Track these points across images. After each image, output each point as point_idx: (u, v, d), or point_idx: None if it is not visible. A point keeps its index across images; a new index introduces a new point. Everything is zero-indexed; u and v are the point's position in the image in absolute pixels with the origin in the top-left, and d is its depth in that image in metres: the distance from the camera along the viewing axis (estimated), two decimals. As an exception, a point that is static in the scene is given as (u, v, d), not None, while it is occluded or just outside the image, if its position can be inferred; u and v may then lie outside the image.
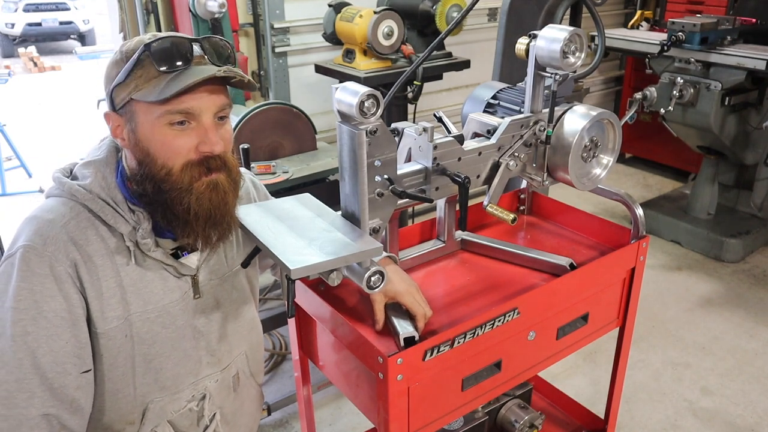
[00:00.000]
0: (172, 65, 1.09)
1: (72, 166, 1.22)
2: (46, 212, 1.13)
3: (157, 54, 1.09)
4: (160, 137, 1.11)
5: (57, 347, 1.10)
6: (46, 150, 6.78)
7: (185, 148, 1.12)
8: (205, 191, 1.14)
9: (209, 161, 1.14)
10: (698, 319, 3.43)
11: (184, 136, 1.11)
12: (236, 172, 1.21)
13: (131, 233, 1.16)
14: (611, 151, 1.45)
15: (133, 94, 1.10)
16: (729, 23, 3.53)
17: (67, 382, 1.12)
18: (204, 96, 1.11)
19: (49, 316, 1.09)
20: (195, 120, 1.11)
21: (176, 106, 1.09)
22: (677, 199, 4.53)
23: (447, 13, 3.15)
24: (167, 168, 1.12)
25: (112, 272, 1.15)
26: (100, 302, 1.14)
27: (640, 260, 1.59)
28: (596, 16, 1.60)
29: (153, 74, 1.09)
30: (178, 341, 1.25)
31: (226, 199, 1.17)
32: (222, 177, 1.16)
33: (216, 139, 1.13)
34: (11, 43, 12.77)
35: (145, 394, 1.24)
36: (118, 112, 1.14)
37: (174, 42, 1.10)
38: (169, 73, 1.09)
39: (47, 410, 1.10)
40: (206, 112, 1.12)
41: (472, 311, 1.41)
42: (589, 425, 2.00)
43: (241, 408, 1.43)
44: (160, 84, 1.08)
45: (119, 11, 3.16)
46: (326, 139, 3.14)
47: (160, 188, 1.13)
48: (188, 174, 1.13)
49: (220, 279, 1.31)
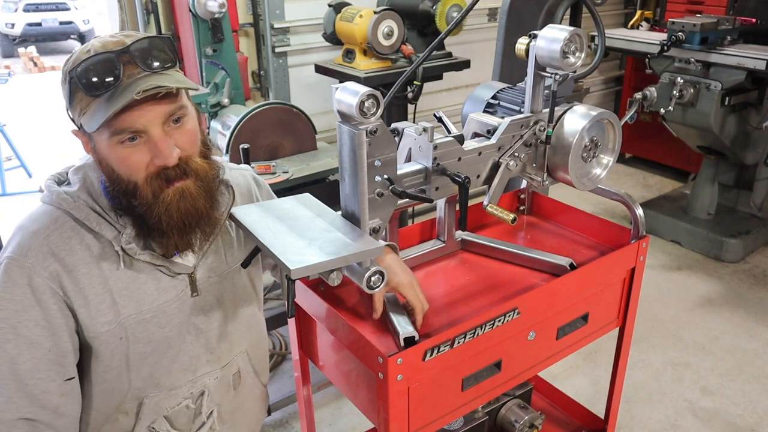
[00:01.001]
0: (99, 89, 1.05)
1: (67, 170, 1.23)
2: (32, 223, 1.15)
3: (82, 80, 1.05)
4: (116, 155, 1.10)
5: (39, 355, 1.12)
6: (46, 150, 6.78)
7: (142, 163, 1.10)
8: (172, 201, 1.13)
9: (167, 172, 1.12)
10: (698, 319, 3.43)
11: (137, 152, 1.09)
12: (206, 172, 1.18)
13: (116, 238, 1.16)
14: (611, 151, 1.45)
15: (81, 119, 1.10)
16: (729, 23, 3.53)
17: (51, 389, 1.14)
18: (144, 109, 1.07)
19: (29, 325, 1.11)
20: (144, 134, 1.09)
21: (119, 126, 1.06)
22: (677, 199, 4.53)
23: (447, 13, 3.15)
24: (132, 182, 1.11)
25: (99, 279, 1.15)
26: (87, 309, 1.15)
27: (640, 260, 1.59)
28: (596, 16, 1.60)
29: (89, 98, 1.07)
30: (175, 339, 1.25)
31: (195, 204, 1.15)
32: (188, 183, 1.14)
33: (168, 152, 1.10)
34: (11, 43, 12.77)
35: (140, 389, 1.25)
36: (81, 130, 1.14)
37: (96, 62, 1.05)
38: (99, 96, 1.06)
39: (24, 415, 1.12)
40: (152, 125, 1.08)
41: (472, 311, 1.41)
42: (589, 425, 2.00)
43: (241, 407, 1.43)
44: (98, 108, 1.06)
45: (119, 11, 3.16)
46: (326, 139, 3.14)
47: (131, 202, 1.13)
48: (150, 187, 1.12)
49: (219, 277, 1.31)
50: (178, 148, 1.12)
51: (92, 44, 1.11)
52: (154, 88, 1.05)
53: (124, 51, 1.07)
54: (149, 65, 1.09)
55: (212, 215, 1.21)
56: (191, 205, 1.15)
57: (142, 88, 1.04)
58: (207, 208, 1.18)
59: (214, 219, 1.22)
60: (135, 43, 1.09)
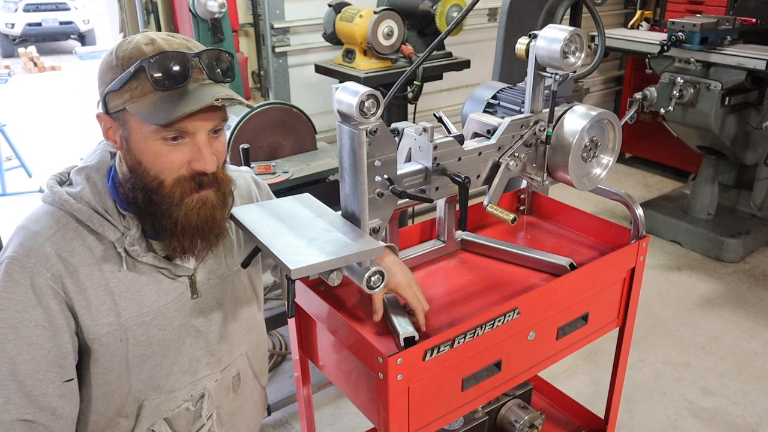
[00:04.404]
0: (168, 85, 1.07)
1: (69, 170, 1.22)
2: (34, 223, 1.14)
3: (155, 72, 1.06)
4: (153, 150, 1.10)
5: (38, 356, 1.12)
6: (46, 150, 6.78)
7: (178, 163, 1.11)
8: (194, 207, 1.14)
9: (201, 178, 1.14)
10: (698, 319, 3.43)
11: (177, 151, 1.11)
12: (226, 184, 1.21)
13: (120, 240, 1.16)
14: (611, 151, 1.45)
15: (127, 105, 1.09)
16: (729, 23, 3.54)
17: (50, 390, 1.14)
18: (201, 115, 1.09)
19: (30, 326, 1.11)
20: (189, 137, 1.11)
21: (173, 126, 1.08)
22: (677, 199, 4.53)
23: (447, 13, 3.15)
24: (159, 180, 1.12)
25: (101, 280, 1.15)
26: (89, 311, 1.15)
27: (640, 260, 1.59)
28: (596, 16, 1.60)
29: (148, 89, 1.08)
30: (175, 342, 1.25)
31: (214, 214, 1.17)
32: (211, 193, 1.16)
33: (209, 158, 1.12)
34: (11, 43, 12.78)
35: (140, 392, 1.24)
36: (111, 116, 1.13)
37: (172, 60, 1.08)
38: (165, 90, 1.08)
39: (23, 416, 1.12)
40: (201, 131, 1.11)
41: (472, 311, 1.41)
42: (589, 425, 2.00)
43: (240, 409, 1.43)
44: (155, 101, 1.07)
45: (119, 11, 3.16)
46: (326, 139, 3.14)
47: (151, 199, 1.13)
48: (179, 188, 1.13)
49: (219, 279, 1.31)
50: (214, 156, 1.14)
51: (151, 38, 1.11)
52: (230, 99, 1.09)
53: (197, 55, 1.11)
54: (215, 74, 1.13)
55: (223, 225, 1.22)
56: (210, 215, 1.16)
57: (220, 96, 1.07)
58: (221, 219, 1.20)
59: (223, 229, 1.23)
60: (206, 51, 1.13)
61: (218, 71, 1.14)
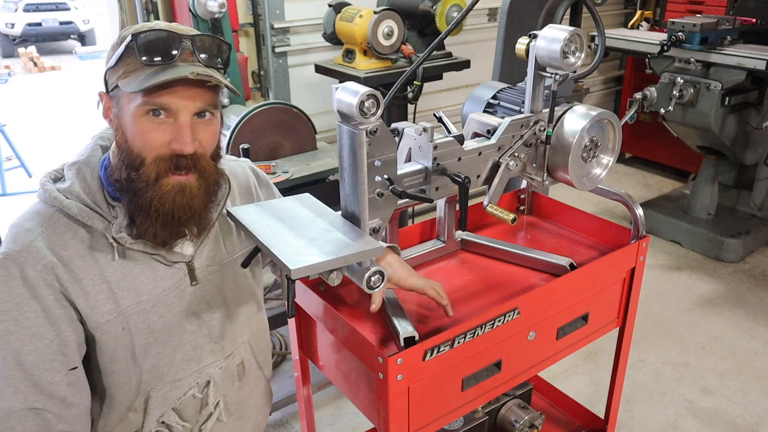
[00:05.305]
0: (152, 59, 1.10)
1: (63, 166, 1.24)
2: (26, 221, 1.16)
3: (142, 46, 1.09)
4: (138, 126, 1.12)
5: (42, 346, 1.13)
6: (46, 150, 6.78)
7: (158, 141, 1.12)
8: (170, 191, 1.14)
9: (179, 159, 1.14)
10: (698, 319, 3.43)
11: (159, 129, 1.12)
12: (211, 175, 1.20)
13: (107, 228, 1.17)
14: (611, 151, 1.45)
15: (119, 81, 1.12)
16: (729, 23, 3.54)
17: (57, 379, 1.15)
18: (184, 93, 1.11)
19: (30, 317, 1.12)
20: (172, 116, 1.12)
21: (154, 99, 1.10)
22: (677, 199, 4.53)
23: (447, 13, 3.15)
24: (141, 158, 1.13)
25: (96, 270, 1.17)
26: (87, 300, 1.16)
27: (640, 260, 1.59)
28: (596, 16, 1.60)
29: (138, 65, 1.10)
30: (176, 329, 1.26)
31: (192, 203, 1.17)
32: (192, 180, 1.16)
33: (188, 139, 1.13)
34: (11, 43, 12.78)
35: (146, 382, 1.25)
36: (109, 94, 1.16)
37: (160, 36, 1.11)
38: (150, 65, 1.10)
39: (32, 404, 1.13)
40: (183, 111, 1.12)
41: (472, 311, 1.41)
42: (589, 425, 2.00)
43: (247, 400, 1.44)
44: (141, 75, 1.10)
45: (119, 11, 3.16)
46: (326, 139, 3.14)
47: (131, 177, 1.14)
48: (156, 168, 1.13)
49: (219, 266, 1.32)
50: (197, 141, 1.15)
51: (157, 23, 1.16)
52: (207, 75, 1.10)
53: (189, 38, 1.13)
54: (205, 59, 1.14)
55: (204, 216, 1.22)
56: (187, 202, 1.16)
57: (195, 71, 1.09)
58: (200, 209, 1.20)
59: (205, 220, 1.23)
60: (201, 36, 1.15)
61: (211, 57, 1.15)
